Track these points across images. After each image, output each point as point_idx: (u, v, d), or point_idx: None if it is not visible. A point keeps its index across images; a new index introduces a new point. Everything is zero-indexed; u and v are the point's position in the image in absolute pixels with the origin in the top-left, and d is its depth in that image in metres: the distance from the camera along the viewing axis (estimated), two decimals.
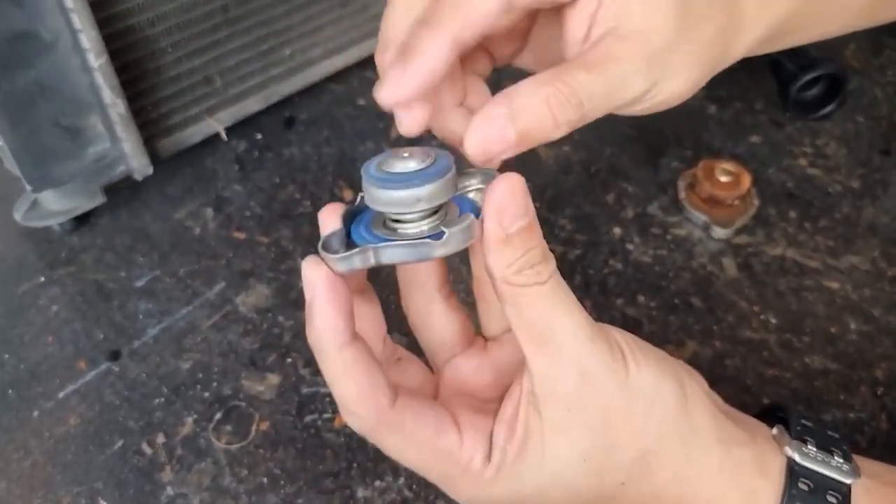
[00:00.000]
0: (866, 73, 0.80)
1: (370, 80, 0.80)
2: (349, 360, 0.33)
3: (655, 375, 0.34)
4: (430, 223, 0.32)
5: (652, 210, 0.67)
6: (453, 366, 0.39)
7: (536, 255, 0.32)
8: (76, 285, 0.63)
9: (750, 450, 0.36)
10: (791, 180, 0.69)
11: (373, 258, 0.31)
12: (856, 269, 0.62)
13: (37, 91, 0.58)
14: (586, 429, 0.34)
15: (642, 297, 0.61)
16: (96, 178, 0.64)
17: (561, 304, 0.33)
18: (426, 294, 0.39)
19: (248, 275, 0.63)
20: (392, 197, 0.31)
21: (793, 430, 0.38)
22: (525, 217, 0.32)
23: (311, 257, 0.32)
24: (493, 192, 0.32)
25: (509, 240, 0.32)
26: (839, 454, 0.37)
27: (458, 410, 0.36)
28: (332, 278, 0.32)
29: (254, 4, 0.68)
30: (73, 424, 0.55)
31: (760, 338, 0.58)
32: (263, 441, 0.53)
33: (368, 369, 0.33)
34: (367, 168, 0.32)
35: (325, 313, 0.32)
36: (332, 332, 0.32)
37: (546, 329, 0.33)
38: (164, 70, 0.66)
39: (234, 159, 0.73)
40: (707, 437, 0.36)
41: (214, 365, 0.58)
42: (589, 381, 0.33)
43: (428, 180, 0.31)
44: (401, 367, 0.39)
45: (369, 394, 0.33)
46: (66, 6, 0.56)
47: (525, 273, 0.32)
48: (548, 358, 0.33)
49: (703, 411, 0.36)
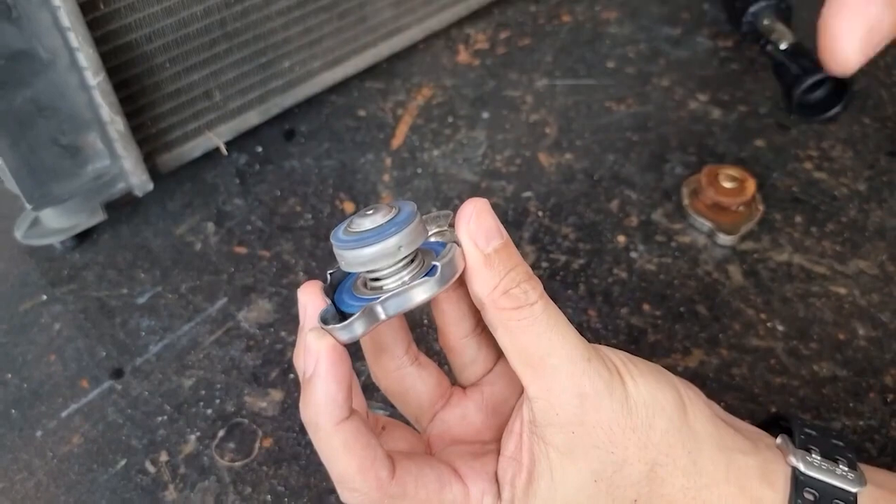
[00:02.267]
0: (871, 73, 0.79)
1: (370, 91, 0.80)
2: (348, 435, 0.32)
3: (652, 387, 0.34)
4: (410, 272, 0.32)
5: (656, 217, 0.66)
6: (439, 421, 0.39)
7: (520, 273, 0.32)
8: (78, 303, 0.63)
9: (753, 458, 0.36)
10: (797, 184, 0.69)
11: (376, 315, 0.31)
12: (863, 274, 0.61)
13: (35, 110, 0.58)
14: (593, 449, 0.33)
15: (647, 306, 0.60)
16: (96, 195, 0.64)
17: (554, 326, 0.33)
18: (395, 361, 0.38)
19: (249, 290, 0.63)
20: (371, 253, 0.31)
21: (797, 439, 0.37)
22: (499, 237, 0.32)
23: (316, 329, 0.32)
24: (461, 218, 0.32)
25: (489, 260, 0.32)
26: (844, 462, 0.37)
27: (456, 461, 0.36)
28: (337, 349, 0.31)
29: (252, 18, 0.68)
30: (77, 444, 0.55)
31: (767, 345, 0.57)
32: (267, 458, 0.53)
33: (367, 442, 0.32)
34: (336, 235, 0.32)
35: (328, 386, 0.31)
36: (335, 407, 0.31)
37: (541, 352, 0.32)
38: (162, 85, 0.65)
39: (235, 173, 0.72)
40: (710, 444, 0.35)
41: (217, 381, 0.57)
42: (589, 401, 0.33)
43: (401, 226, 0.31)
44: (388, 434, 0.38)
45: (369, 468, 0.32)
46: (62, 24, 0.56)
47: (512, 293, 0.32)
48: (545, 382, 0.33)
49: (703, 419, 0.36)
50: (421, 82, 0.81)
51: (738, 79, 0.79)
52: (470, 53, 0.84)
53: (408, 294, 0.31)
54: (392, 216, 0.31)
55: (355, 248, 0.31)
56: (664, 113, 0.76)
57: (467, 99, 0.79)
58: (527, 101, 0.79)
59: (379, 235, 0.30)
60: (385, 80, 0.81)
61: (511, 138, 0.74)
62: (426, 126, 0.76)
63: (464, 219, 0.32)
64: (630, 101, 0.78)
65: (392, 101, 0.79)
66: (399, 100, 0.79)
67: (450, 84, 0.80)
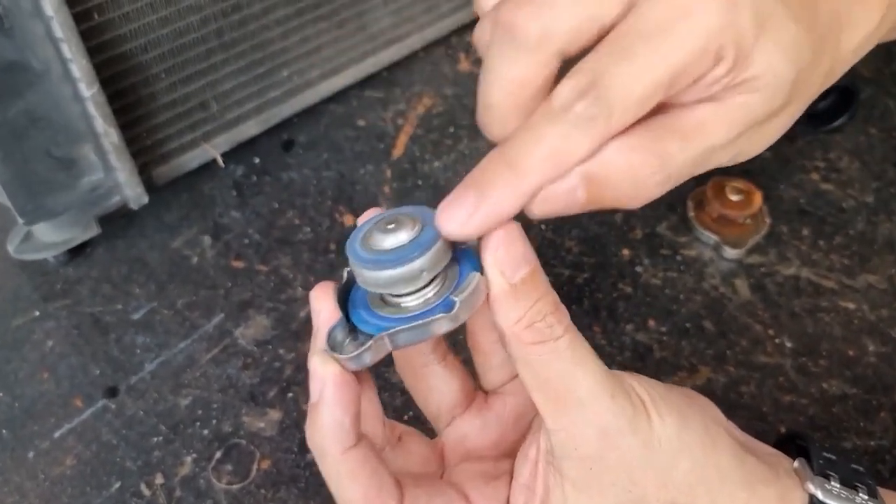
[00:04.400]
0: (878, 82, 0.78)
1: (369, 101, 0.79)
2: (354, 463, 0.31)
3: (679, 425, 0.33)
4: (434, 289, 0.30)
5: (661, 230, 0.65)
6: (457, 428, 0.38)
7: (547, 304, 0.31)
8: (72, 319, 0.62)
9: (774, 488, 0.35)
10: (803, 196, 0.67)
11: (386, 347, 0.30)
12: (872, 288, 0.60)
13: (28, 122, 0.57)
14: (610, 486, 0.32)
15: (653, 322, 0.59)
16: (90, 208, 0.63)
17: (578, 361, 0.31)
18: (422, 358, 0.37)
19: (247, 305, 0.62)
20: (391, 276, 0.29)
21: (815, 465, 0.36)
22: (527, 265, 0.30)
23: (321, 354, 0.30)
24: (489, 244, 0.30)
25: (515, 291, 0.30)
26: (864, 490, 0.36)
27: (468, 483, 0.35)
28: (343, 377, 0.30)
29: (249, 28, 0.67)
30: (70, 465, 0.53)
31: (776, 362, 0.56)
32: (265, 481, 0.52)
33: (373, 470, 0.31)
34: (353, 247, 0.30)
35: (333, 414, 0.30)
36: (341, 434, 0.30)
37: (563, 387, 0.31)
38: (158, 96, 0.64)
39: (232, 185, 0.71)
40: (733, 481, 0.34)
41: (214, 401, 0.56)
42: (611, 438, 0.31)
43: (425, 248, 0.29)
44: (403, 446, 0.37)
45: (375, 497, 0.31)
46: (55, 35, 0.54)
47: (537, 327, 0.30)
48: (567, 418, 0.31)
49: (729, 454, 0.34)
50: (421, 91, 0.80)
51: None
52: (471, 62, 0.83)
53: (423, 328, 0.29)
54: (416, 235, 0.29)
55: (375, 270, 0.29)
56: None
57: (469, 108, 0.78)
58: None
59: (401, 259, 0.29)
60: (385, 89, 0.80)
61: None
62: (427, 136, 0.75)
63: (491, 246, 0.30)
64: None
65: (392, 110, 0.78)
66: (399, 109, 0.78)
67: (451, 93, 0.79)
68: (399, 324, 0.29)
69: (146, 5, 0.60)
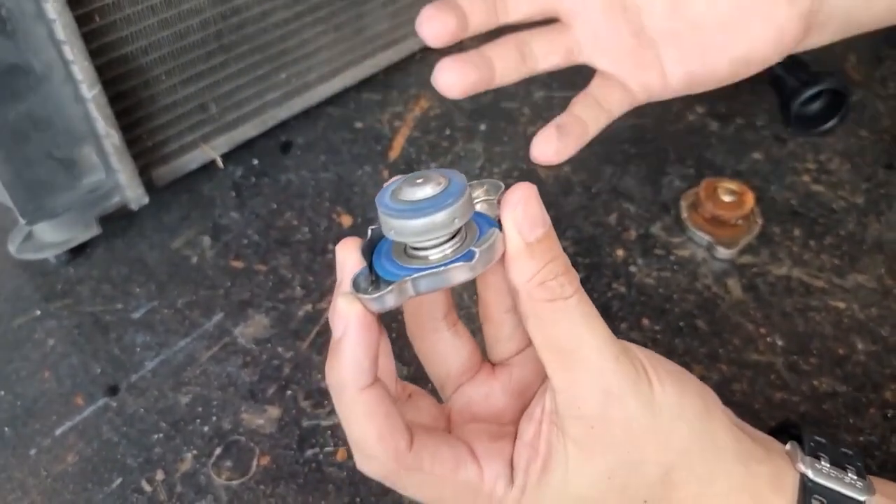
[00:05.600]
0: (867, 85, 0.79)
1: (367, 103, 0.80)
2: (371, 403, 0.32)
3: (679, 392, 0.34)
4: (453, 245, 0.32)
5: (655, 231, 0.66)
6: (463, 394, 0.39)
7: (559, 265, 0.32)
8: (73, 318, 0.62)
9: (766, 466, 0.36)
10: (795, 197, 0.68)
11: (407, 291, 0.31)
12: (862, 288, 0.61)
13: (30, 123, 0.58)
14: (611, 446, 0.33)
15: (647, 321, 0.60)
16: (91, 209, 0.64)
17: (586, 321, 0.32)
18: (433, 323, 0.38)
19: (246, 304, 0.62)
20: (416, 226, 0.30)
21: (806, 447, 0.37)
22: (543, 225, 0.32)
23: (346, 295, 0.31)
24: (508, 203, 0.31)
25: (530, 249, 0.31)
26: (853, 471, 0.37)
27: (474, 440, 0.36)
28: (366, 317, 0.31)
29: (248, 30, 0.67)
30: (71, 462, 0.54)
31: (767, 360, 0.57)
32: (264, 477, 0.52)
33: (388, 412, 0.32)
34: (382, 199, 0.31)
35: (355, 352, 0.31)
36: (360, 373, 0.31)
37: (570, 346, 0.32)
38: (158, 98, 0.65)
39: (231, 186, 0.72)
40: (728, 454, 0.35)
41: (213, 398, 0.57)
42: (613, 398, 0.32)
43: (448, 204, 0.30)
44: (413, 403, 0.38)
45: (388, 437, 0.32)
46: (57, 38, 0.55)
47: (549, 285, 0.31)
48: (572, 375, 0.32)
49: (724, 428, 0.36)
50: (418, 93, 0.81)
51: (735, 91, 0.78)
52: None
53: (444, 275, 0.30)
54: (441, 190, 0.31)
55: (406, 219, 0.30)
56: (662, 125, 0.76)
57: (465, 111, 0.79)
58: (524, 113, 0.78)
59: (424, 210, 0.30)
60: (382, 91, 0.81)
61: (509, 150, 0.74)
62: (423, 138, 0.76)
63: (510, 204, 0.31)
64: (628, 113, 0.77)
65: (389, 112, 0.79)
66: (396, 111, 0.79)
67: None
68: (421, 271, 0.31)
69: (147, 8, 0.61)
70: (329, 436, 0.54)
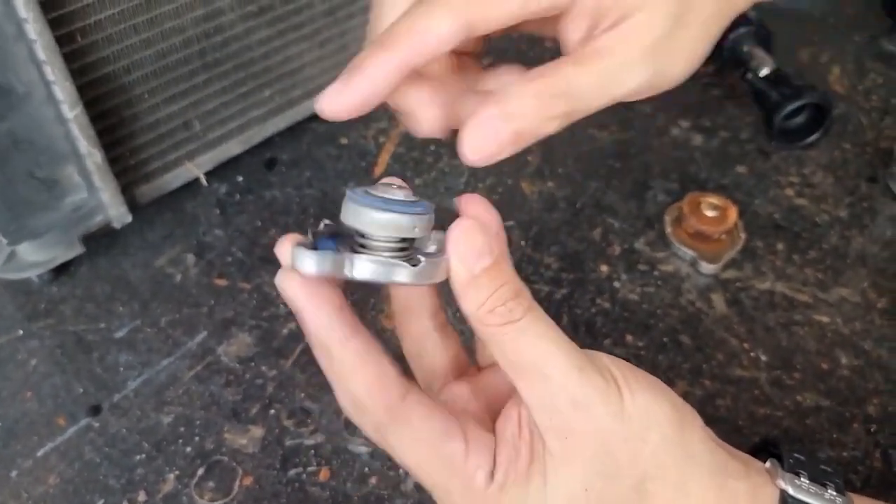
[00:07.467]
0: (851, 98, 0.80)
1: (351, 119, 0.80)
2: (356, 352, 0.32)
3: (650, 401, 0.34)
4: (401, 255, 0.32)
5: (639, 246, 0.66)
6: (448, 391, 0.39)
7: (507, 291, 0.32)
8: (55, 338, 0.62)
9: (744, 482, 0.36)
10: (778, 211, 0.69)
11: (343, 265, 0.31)
12: (846, 302, 0.61)
13: (11, 143, 0.57)
14: (584, 458, 0.33)
15: (630, 337, 0.60)
16: (74, 228, 0.63)
17: (542, 337, 0.33)
18: (422, 322, 0.39)
19: (229, 323, 0.62)
20: (379, 218, 0.31)
21: (786, 464, 0.37)
22: (488, 256, 0.32)
23: (281, 272, 0.32)
24: (451, 237, 0.32)
25: (476, 280, 0.32)
26: (833, 487, 0.37)
27: (466, 423, 0.35)
28: (306, 281, 0.31)
29: (232, 48, 0.67)
30: (53, 484, 0.54)
31: (751, 376, 0.57)
32: (247, 497, 0.52)
33: (378, 359, 0.33)
34: (354, 191, 0.32)
35: (315, 315, 0.31)
36: (328, 329, 0.32)
37: (530, 364, 0.32)
38: (141, 117, 0.65)
39: (215, 203, 0.72)
40: (704, 467, 0.35)
41: (196, 418, 0.56)
42: (582, 409, 0.33)
43: (415, 212, 0.31)
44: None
45: (380, 384, 0.33)
46: (38, 58, 0.55)
47: (498, 312, 0.32)
48: (537, 391, 0.33)
49: (699, 440, 0.35)
50: None
51: (719, 105, 0.79)
52: None
53: (384, 267, 0.31)
54: (415, 201, 0.32)
55: (372, 209, 0.31)
56: (646, 139, 0.77)
57: None
58: None
59: (400, 208, 0.31)
60: None
61: (493, 167, 0.74)
62: (408, 154, 0.76)
63: (452, 239, 0.32)
64: (613, 127, 0.78)
65: (374, 128, 0.79)
66: (381, 127, 0.79)
67: None
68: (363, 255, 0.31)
69: (129, 27, 0.60)
70: (312, 455, 0.54)
